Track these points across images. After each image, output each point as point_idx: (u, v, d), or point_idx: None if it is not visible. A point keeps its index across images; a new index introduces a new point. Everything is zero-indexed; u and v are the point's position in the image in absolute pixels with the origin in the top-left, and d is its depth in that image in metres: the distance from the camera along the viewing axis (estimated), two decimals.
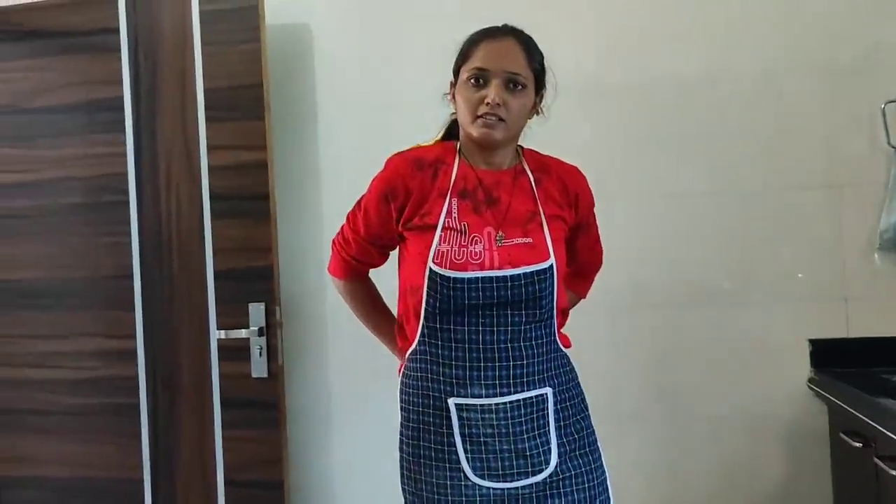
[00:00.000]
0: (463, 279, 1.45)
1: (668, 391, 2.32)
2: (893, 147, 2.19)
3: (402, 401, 1.58)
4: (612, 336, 2.34)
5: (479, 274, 1.46)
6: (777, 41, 2.28)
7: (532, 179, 1.57)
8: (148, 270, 2.39)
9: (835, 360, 2.22)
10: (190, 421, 2.37)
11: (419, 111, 2.31)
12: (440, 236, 1.49)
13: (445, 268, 1.46)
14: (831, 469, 2.22)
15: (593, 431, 1.60)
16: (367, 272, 1.76)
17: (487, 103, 1.47)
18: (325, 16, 2.50)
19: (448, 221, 1.50)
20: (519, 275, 1.47)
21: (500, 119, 1.48)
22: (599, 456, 1.58)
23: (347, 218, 1.68)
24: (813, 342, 2.24)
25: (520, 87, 1.50)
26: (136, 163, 2.40)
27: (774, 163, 2.28)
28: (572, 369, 1.61)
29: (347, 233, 1.67)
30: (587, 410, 1.61)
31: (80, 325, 2.44)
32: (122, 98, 2.41)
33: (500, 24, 1.57)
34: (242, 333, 2.30)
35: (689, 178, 2.32)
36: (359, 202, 1.64)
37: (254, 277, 2.31)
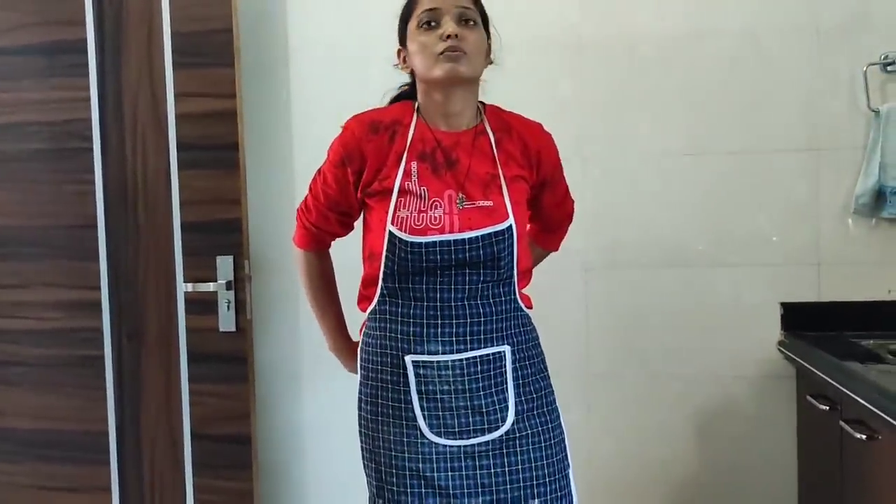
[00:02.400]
0: (421, 243, 1.45)
1: (639, 351, 2.32)
2: (873, 110, 2.16)
3: (361, 360, 1.57)
4: (586, 295, 2.33)
5: (438, 238, 1.44)
6: (759, 1, 2.23)
7: (493, 140, 1.54)
8: (113, 220, 2.33)
9: (806, 323, 2.22)
10: (156, 374, 2.33)
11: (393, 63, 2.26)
12: (398, 201, 1.47)
13: (405, 232, 1.45)
14: (797, 431, 2.24)
15: (552, 392, 1.59)
16: (328, 246, 1.73)
17: (448, 37, 1.44)
18: None
19: (407, 185, 1.48)
20: (477, 237, 1.45)
21: (463, 52, 1.45)
22: (558, 416, 1.57)
23: (309, 185, 1.65)
24: (784, 305, 2.25)
25: (472, 22, 1.48)
26: (101, 109, 2.32)
27: (753, 124, 2.25)
28: (533, 329, 1.60)
29: (309, 200, 1.66)
30: (546, 371, 1.60)
31: (44, 274, 2.38)
32: (84, 40, 2.31)
33: None
34: (210, 287, 2.26)
35: (667, 138, 2.28)
36: (319, 169, 1.62)
37: (222, 230, 2.26)
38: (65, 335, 2.37)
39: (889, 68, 2.17)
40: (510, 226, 1.48)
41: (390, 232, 1.46)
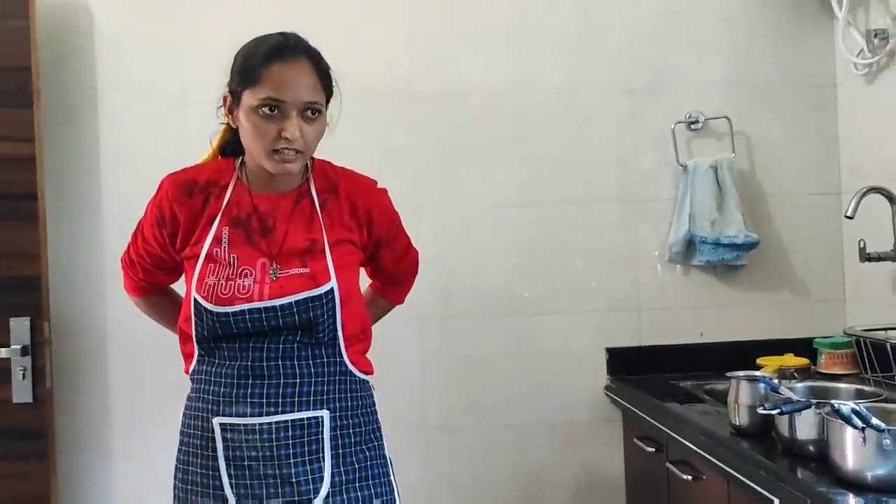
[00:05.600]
0: (228, 313, 1.36)
1: (475, 401, 2.31)
2: (682, 165, 2.32)
3: (181, 424, 1.47)
4: (422, 347, 2.30)
5: (246, 306, 1.36)
6: (578, 59, 2.35)
7: (317, 202, 1.46)
8: None
9: (629, 367, 2.32)
10: None
11: (213, 108, 2.14)
12: (204, 267, 1.40)
13: (210, 301, 1.37)
14: (625, 474, 2.32)
15: (385, 464, 1.48)
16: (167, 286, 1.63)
17: (286, 138, 1.34)
18: None
19: (215, 251, 1.40)
20: (290, 303, 1.37)
21: (299, 151, 1.37)
22: (391, 490, 1.47)
23: (131, 237, 1.56)
24: (609, 350, 2.33)
25: (316, 113, 1.39)
26: None
27: (574, 176, 2.35)
28: (366, 396, 1.49)
29: (132, 254, 1.56)
30: (379, 441, 1.49)
31: None
32: None
33: (279, 35, 1.41)
34: (2, 353, 2.01)
35: (496, 188, 2.33)
36: (139, 223, 1.54)
37: (17, 288, 2.04)
38: None
39: (693, 126, 2.35)
40: (330, 289, 1.39)
41: (196, 300, 1.38)
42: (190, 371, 1.46)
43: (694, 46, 2.37)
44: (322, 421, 1.40)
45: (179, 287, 1.55)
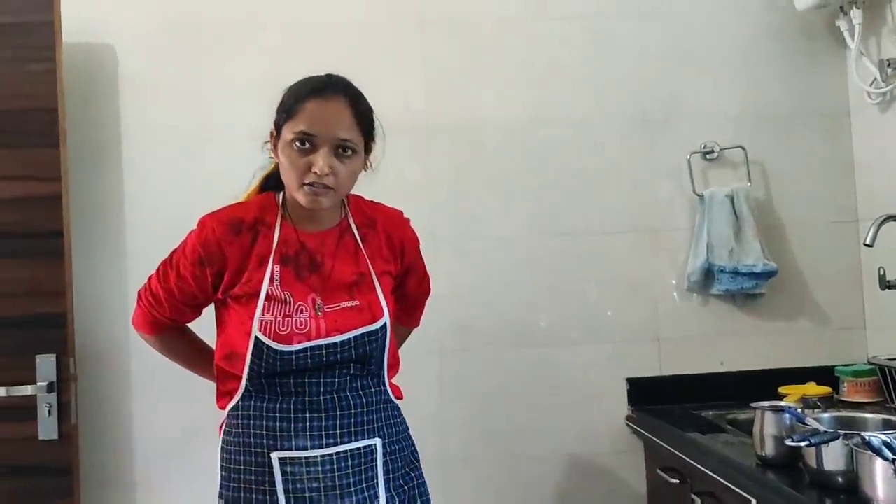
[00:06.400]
0: (290, 352, 1.40)
1: (495, 433, 2.31)
2: (698, 195, 2.34)
3: (222, 460, 1.48)
4: (440, 378, 2.30)
5: (308, 344, 1.41)
6: (592, 91, 2.38)
7: (358, 237, 1.52)
8: None
9: (650, 397, 2.31)
10: None
11: (234, 146, 2.19)
12: (263, 306, 1.42)
13: (270, 338, 1.40)
14: None
15: (425, 482, 1.57)
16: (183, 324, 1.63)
17: (315, 172, 1.38)
18: (132, 38, 2.29)
19: (271, 290, 1.43)
20: (348, 340, 1.43)
21: (328, 187, 1.40)
22: None
23: (158, 272, 1.55)
24: (630, 381, 2.32)
25: (349, 151, 1.42)
26: None
27: (589, 207, 2.36)
28: (403, 421, 1.57)
29: (157, 290, 1.54)
30: (417, 462, 1.57)
31: None
32: None
33: (325, 76, 1.47)
34: (28, 390, 2.02)
35: (512, 220, 2.35)
36: (171, 259, 1.53)
37: (43, 325, 2.05)
38: None
39: (708, 156, 2.36)
40: (384, 324, 1.47)
41: (257, 338, 1.40)
42: (231, 407, 1.47)
43: (708, 77, 2.40)
44: (375, 448, 1.46)
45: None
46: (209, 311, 1.58)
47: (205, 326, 1.63)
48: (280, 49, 2.29)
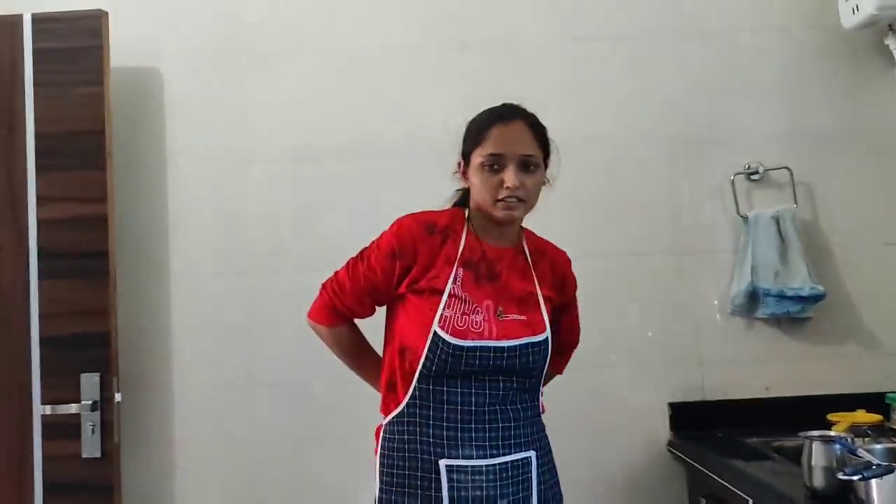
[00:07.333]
0: (464, 347, 1.50)
1: None
2: (742, 216, 2.30)
3: (383, 465, 1.56)
4: None
5: (480, 343, 1.50)
6: (634, 112, 2.36)
7: (529, 261, 1.65)
8: None
9: (693, 422, 2.26)
10: None
11: (275, 167, 2.21)
12: (446, 302, 1.52)
13: (448, 333, 1.49)
14: None
15: (562, 497, 1.65)
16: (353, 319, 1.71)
17: (507, 187, 1.52)
18: (177, 61, 2.34)
19: (454, 289, 1.55)
20: (516, 346, 1.53)
21: (520, 200, 1.54)
22: None
23: (347, 265, 1.65)
24: (672, 405, 2.28)
25: (533, 167, 1.57)
26: None
27: (631, 228, 2.34)
28: (547, 435, 1.66)
29: (344, 280, 1.64)
30: (558, 475, 1.65)
31: None
32: None
33: (502, 105, 1.62)
34: (72, 408, 2.06)
35: (554, 241, 2.31)
36: (361, 254, 1.64)
37: (87, 345, 2.09)
38: None
39: (752, 177, 2.32)
40: (546, 338, 1.57)
41: (435, 332, 1.50)
42: (396, 414, 1.55)
43: (751, 97, 2.36)
44: (531, 461, 1.55)
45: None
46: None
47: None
48: (322, 72, 2.31)
